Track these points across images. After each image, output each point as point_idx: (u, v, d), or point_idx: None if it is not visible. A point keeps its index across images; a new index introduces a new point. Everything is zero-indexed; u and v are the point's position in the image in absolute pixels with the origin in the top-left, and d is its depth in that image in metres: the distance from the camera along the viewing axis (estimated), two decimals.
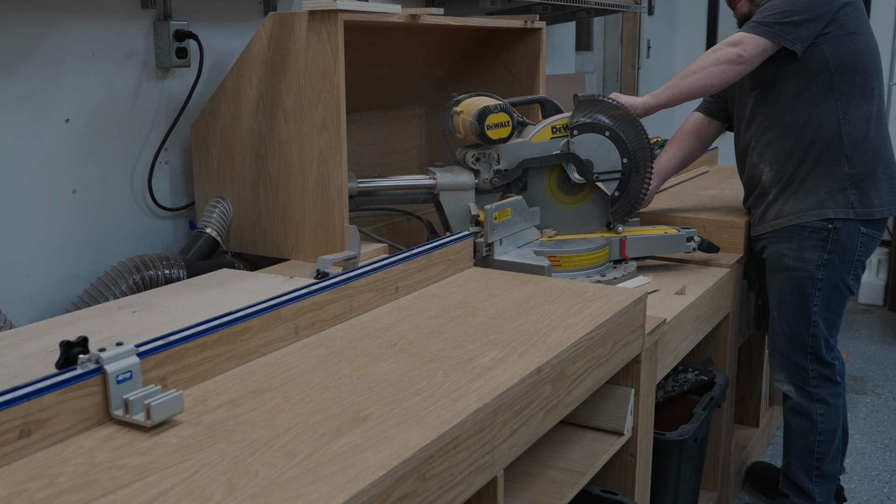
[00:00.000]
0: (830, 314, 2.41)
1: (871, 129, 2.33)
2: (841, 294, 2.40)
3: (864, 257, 2.40)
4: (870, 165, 2.33)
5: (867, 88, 2.32)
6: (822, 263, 2.35)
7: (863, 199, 2.33)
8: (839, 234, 2.33)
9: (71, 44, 1.95)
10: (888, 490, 2.91)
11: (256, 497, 0.95)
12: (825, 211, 2.33)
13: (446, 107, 2.28)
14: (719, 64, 2.25)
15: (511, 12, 3.13)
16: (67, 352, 1.17)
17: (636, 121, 2.26)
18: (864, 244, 2.37)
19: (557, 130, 2.25)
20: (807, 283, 2.38)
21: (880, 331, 4.52)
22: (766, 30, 2.24)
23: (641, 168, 2.29)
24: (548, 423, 1.42)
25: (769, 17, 2.26)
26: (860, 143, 2.32)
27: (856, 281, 2.42)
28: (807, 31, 2.24)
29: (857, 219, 2.33)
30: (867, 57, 2.31)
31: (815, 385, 2.44)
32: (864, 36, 2.31)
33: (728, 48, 2.25)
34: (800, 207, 2.36)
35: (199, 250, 2.09)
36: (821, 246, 2.35)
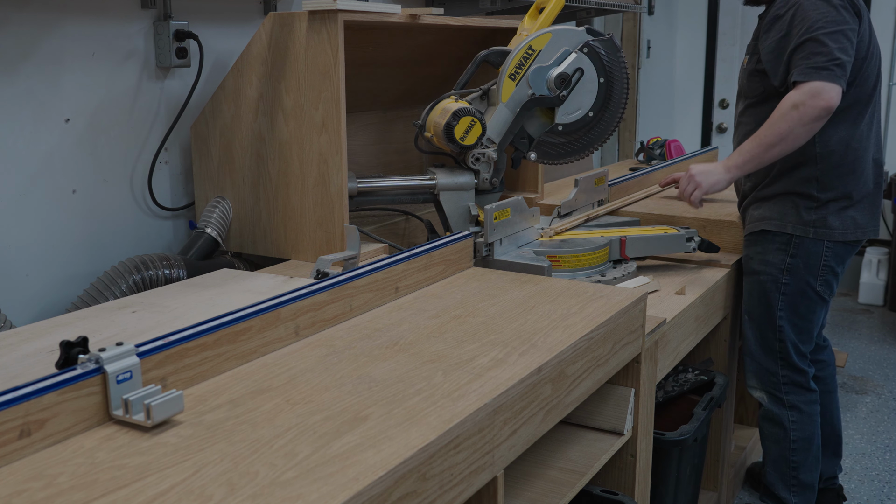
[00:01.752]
0: (799, 320, 2.34)
1: (849, 153, 2.25)
2: (810, 300, 2.33)
3: (835, 264, 2.31)
4: (841, 190, 2.26)
5: (851, 113, 2.23)
6: (786, 267, 2.31)
7: (826, 222, 2.26)
8: (802, 240, 2.29)
9: (71, 44, 1.95)
10: (888, 490, 2.91)
11: (256, 497, 0.95)
12: (786, 225, 2.29)
13: (416, 134, 2.27)
14: (807, 124, 2.13)
15: (511, 12, 3.13)
16: (67, 352, 1.17)
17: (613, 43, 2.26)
18: (831, 251, 2.29)
19: (515, 75, 2.21)
20: (771, 286, 2.34)
21: (880, 331, 4.52)
22: (838, 76, 2.11)
23: (617, 89, 2.27)
24: (548, 423, 1.42)
25: (825, 59, 2.11)
26: (834, 168, 2.24)
27: (826, 287, 2.33)
28: (850, 66, 2.16)
29: (816, 238, 2.27)
30: (855, 85, 2.21)
31: (786, 392, 2.40)
32: (858, 62, 2.20)
33: (812, 101, 2.11)
34: (765, 214, 2.33)
35: (199, 250, 2.09)
36: (783, 250, 2.30)
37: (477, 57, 2.24)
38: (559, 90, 2.20)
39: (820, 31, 2.12)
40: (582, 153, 2.34)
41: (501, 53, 2.23)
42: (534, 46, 2.20)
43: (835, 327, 4.52)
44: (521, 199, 2.17)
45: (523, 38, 2.22)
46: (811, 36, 2.12)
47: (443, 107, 2.16)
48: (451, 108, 2.12)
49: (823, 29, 2.12)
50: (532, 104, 2.22)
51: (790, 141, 2.16)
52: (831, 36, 2.11)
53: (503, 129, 2.23)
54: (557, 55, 2.20)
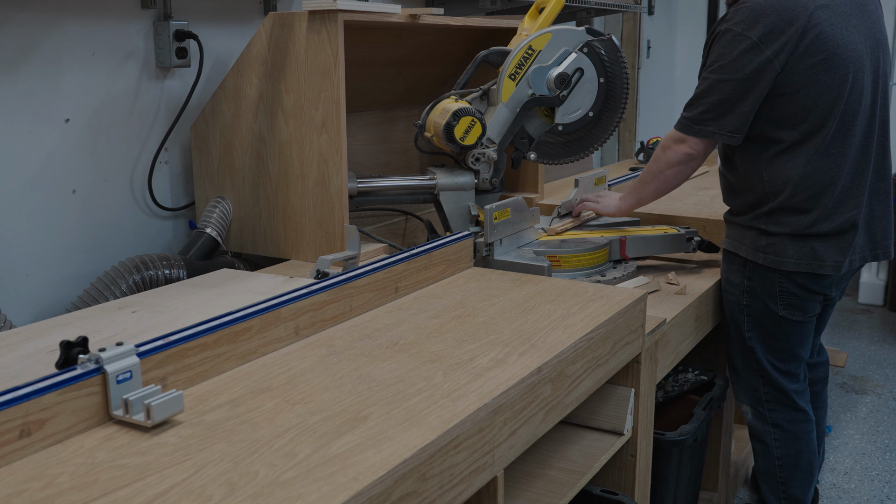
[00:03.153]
0: (771, 340, 2.21)
1: (805, 189, 2.04)
2: (777, 323, 2.18)
3: (796, 289, 2.13)
4: (797, 225, 2.07)
5: (805, 148, 2.03)
6: (745, 289, 2.19)
7: (777, 249, 2.10)
8: (756, 265, 2.14)
9: (71, 44, 1.95)
10: (888, 490, 2.91)
11: (256, 497, 0.95)
12: (741, 247, 2.17)
13: (416, 134, 2.27)
14: (673, 166, 2.14)
15: (511, 12, 3.13)
16: (67, 352, 1.17)
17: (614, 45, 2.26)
18: (788, 278, 2.11)
19: (515, 75, 2.21)
20: (735, 306, 2.24)
21: (880, 331, 4.52)
22: (699, 129, 2.07)
23: (617, 89, 2.26)
24: (548, 423, 1.42)
25: (698, 111, 2.06)
26: (786, 205, 2.06)
27: (793, 310, 2.15)
28: (739, 118, 2.03)
29: (766, 265, 2.12)
30: (805, 113, 2.01)
31: (770, 408, 2.30)
32: (805, 91, 2.00)
33: (676, 146, 2.12)
34: (729, 233, 2.24)
35: (199, 250, 2.09)
36: (741, 272, 2.18)
37: (477, 57, 2.24)
38: (559, 90, 2.20)
39: (711, 74, 2.05)
40: (582, 153, 2.34)
41: (501, 53, 2.23)
42: (534, 46, 2.20)
43: (835, 327, 4.52)
44: (521, 199, 2.17)
45: (523, 38, 2.22)
46: (705, 75, 2.07)
47: (443, 107, 2.16)
48: (451, 108, 2.13)
49: (713, 74, 2.04)
50: (532, 104, 2.22)
51: (662, 181, 2.19)
52: (715, 85, 2.03)
53: (503, 129, 2.23)
54: (557, 55, 2.20)
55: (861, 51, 2.05)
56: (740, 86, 2.01)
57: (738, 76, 2.00)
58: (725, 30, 2.04)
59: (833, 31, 2.00)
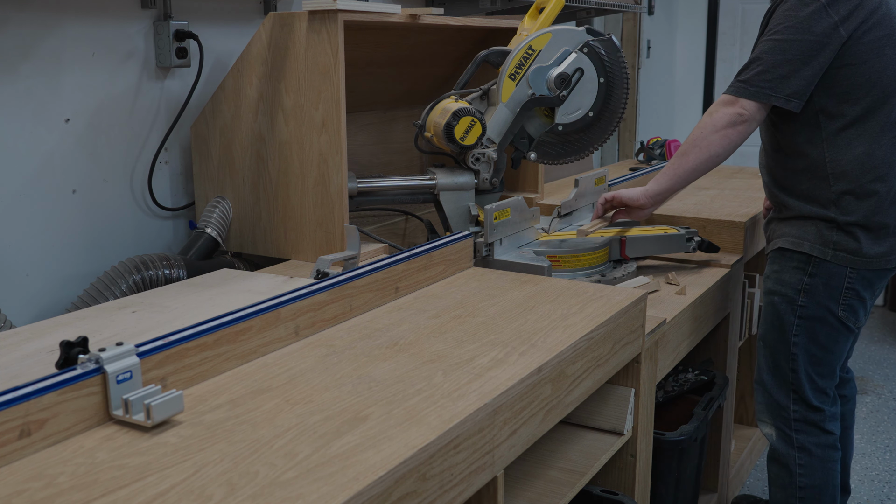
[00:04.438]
0: (818, 349, 2.08)
1: (868, 173, 1.99)
2: (831, 327, 2.07)
3: (861, 287, 2.04)
4: (864, 214, 2.00)
5: (867, 126, 1.98)
6: (803, 288, 2.06)
7: (847, 245, 2.01)
8: (822, 261, 2.05)
9: (71, 44, 1.95)
10: (888, 490, 2.91)
11: (256, 497, 0.95)
12: (803, 243, 2.06)
13: (416, 134, 2.27)
14: (719, 130, 1.99)
15: (511, 12, 3.13)
16: (67, 352, 1.17)
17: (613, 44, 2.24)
18: (857, 274, 2.03)
19: (515, 75, 2.21)
20: (785, 308, 2.09)
21: (880, 331, 4.52)
22: (754, 91, 1.96)
23: (617, 89, 2.25)
24: (548, 423, 1.42)
25: (752, 72, 1.97)
26: (853, 191, 1.99)
27: (850, 313, 2.06)
28: (801, 81, 1.93)
29: (836, 262, 2.02)
30: (869, 87, 1.96)
31: (797, 429, 2.13)
32: (871, 63, 1.95)
33: (725, 108, 1.99)
34: (785, 231, 2.11)
35: (199, 250, 2.09)
36: (801, 269, 2.06)
37: (477, 57, 2.24)
38: (559, 90, 2.20)
39: (773, 35, 1.95)
40: (582, 153, 2.34)
41: (501, 53, 2.23)
42: (534, 46, 2.20)
43: None
44: (521, 199, 2.17)
45: (523, 38, 2.22)
46: (764, 39, 1.98)
47: (443, 107, 2.16)
48: (451, 108, 2.13)
49: (776, 35, 1.95)
50: (532, 104, 2.22)
51: (704, 149, 2.01)
52: (779, 45, 1.93)
53: (503, 129, 2.23)
54: (557, 55, 2.20)
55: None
56: (805, 47, 1.90)
57: (803, 37, 1.90)
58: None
59: (893, 9, 1.99)
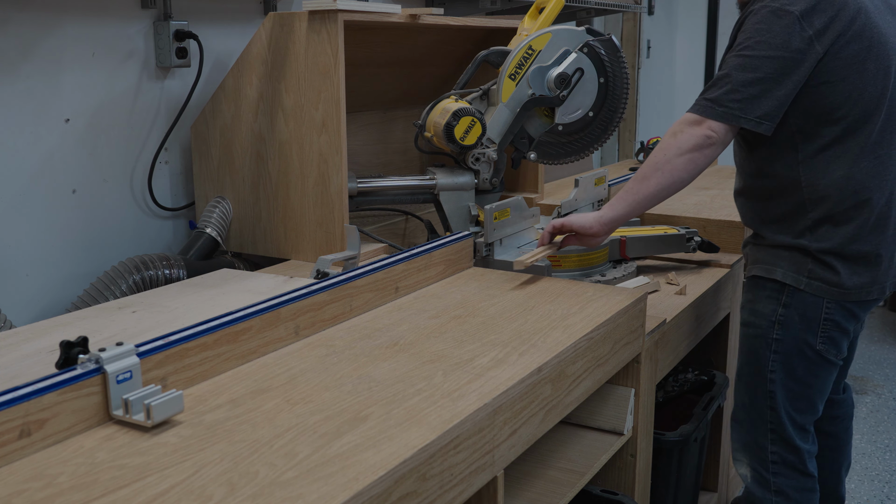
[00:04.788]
0: (796, 384, 1.90)
1: (849, 197, 1.79)
2: (809, 361, 1.88)
3: (841, 318, 1.86)
4: (840, 241, 1.82)
5: (847, 146, 1.79)
6: (777, 319, 1.88)
7: (821, 274, 1.83)
8: (796, 291, 1.87)
9: (71, 44, 1.95)
10: (888, 490, 2.91)
11: (256, 497, 0.95)
12: (775, 270, 1.89)
13: (416, 134, 2.27)
14: (684, 153, 1.78)
15: (511, 12, 3.13)
16: (67, 352, 1.17)
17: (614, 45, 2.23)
18: (836, 304, 1.85)
19: (515, 75, 2.21)
20: (760, 343, 1.92)
21: (880, 331, 4.52)
22: (722, 112, 1.76)
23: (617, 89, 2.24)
24: (548, 423, 1.42)
25: (722, 90, 1.77)
26: (832, 216, 1.81)
27: (830, 345, 1.87)
28: (772, 102, 1.74)
29: (811, 292, 1.85)
30: (850, 105, 1.77)
31: (775, 472, 1.95)
32: (851, 80, 1.76)
33: (691, 129, 1.78)
34: (759, 257, 1.94)
35: (199, 250, 2.09)
36: (775, 298, 1.88)
37: (477, 57, 2.24)
38: (559, 90, 2.20)
39: (743, 51, 1.76)
40: (582, 153, 2.34)
41: (501, 53, 2.23)
42: (534, 46, 2.20)
43: None
44: (521, 199, 2.17)
45: (523, 38, 2.22)
46: (733, 54, 1.79)
47: (443, 107, 2.16)
48: (451, 108, 2.13)
49: (746, 50, 1.76)
50: (532, 104, 2.22)
51: (668, 173, 1.79)
52: (749, 62, 1.74)
53: (503, 129, 2.23)
54: (557, 55, 2.20)
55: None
56: (778, 64, 1.72)
57: (776, 53, 1.72)
58: (762, 6, 1.77)
59: (877, 18, 1.79)
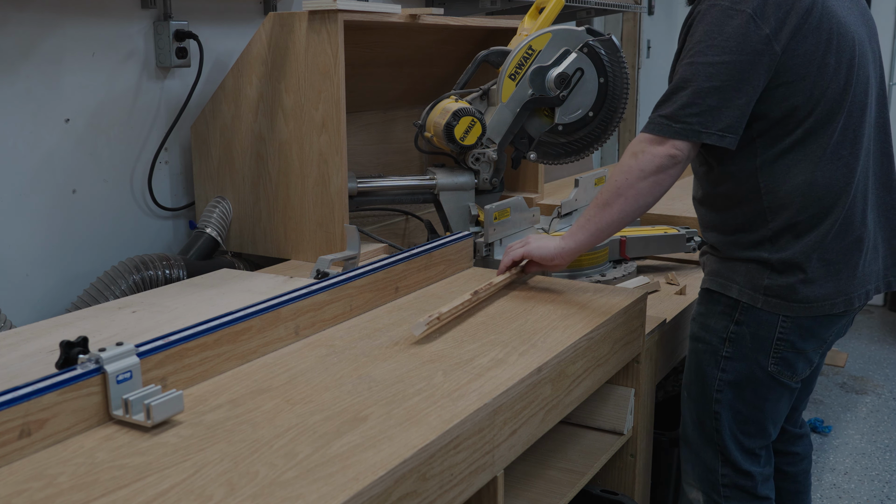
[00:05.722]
0: (744, 407, 1.72)
1: (813, 203, 1.61)
2: (759, 384, 1.70)
3: (797, 338, 1.66)
4: (803, 250, 1.62)
5: (808, 150, 1.60)
6: (728, 337, 1.69)
7: (779, 290, 1.64)
8: (751, 308, 1.67)
9: (71, 44, 1.95)
10: (888, 490, 2.91)
11: (256, 497, 0.95)
12: (730, 286, 1.69)
13: (416, 134, 2.27)
14: (648, 176, 1.59)
15: (511, 12, 3.13)
16: (67, 352, 1.17)
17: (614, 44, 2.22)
18: (791, 321, 1.65)
19: (515, 75, 2.21)
20: (708, 359, 1.73)
21: (880, 331, 4.52)
22: (679, 128, 1.56)
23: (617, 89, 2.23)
24: (548, 423, 1.42)
25: (676, 105, 1.57)
26: (793, 224, 1.62)
27: (784, 367, 1.67)
28: (734, 112, 1.55)
29: (767, 309, 1.65)
30: (812, 105, 1.58)
31: (727, 496, 1.79)
32: (811, 78, 1.57)
33: (653, 149, 1.58)
34: (714, 269, 1.74)
35: (199, 250, 2.09)
36: (728, 314, 1.69)
37: (477, 57, 2.24)
38: (559, 90, 2.20)
39: (694, 58, 1.57)
40: (582, 153, 2.34)
41: (501, 53, 2.23)
42: (534, 46, 2.20)
43: None
44: (521, 199, 2.17)
45: (523, 38, 2.22)
46: (684, 62, 1.59)
47: (443, 107, 2.16)
48: (451, 108, 2.13)
49: (699, 56, 1.56)
50: (532, 104, 2.22)
51: (632, 198, 1.61)
52: (703, 69, 1.54)
53: (503, 129, 2.23)
54: (557, 55, 2.21)
55: (861, 35, 1.66)
56: (735, 70, 1.53)
57: (731, 58, 1.53)
58: (710, 5, 1.57)
59: (835, 7, 1.61)
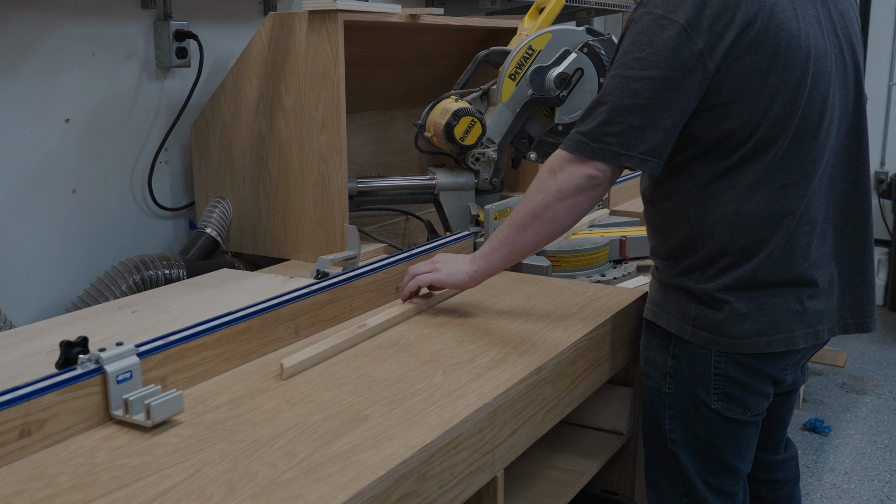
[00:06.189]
0: (702, 444, 1.57)
1: (744, 235, 1.45)
2: (707, 421, 1.54)
3: (739, 373, 1.50)
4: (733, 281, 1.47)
5: (741, 176, 1.44)
6: (668, 371, 1.56)
7: (708, 323, 1.49)
8: (682, 340, 1.54)
9: (71, 44, 1.95)
10: (888, 490, 2.91)
11: (256, 497, 0.95)
12: (661, 315, 1.57)
13: (416, 134, 2.26)
14: (566, 197, 1.46)
15: (511, 12, 3.13)
16: (67, 352, 1.17)
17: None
18: (726, 356, 1.50)
19: (515, 75, 2.20)
20: (655, 396, 1.60)
21: (880, 331, 4.52)
22: (597, 148, 1.42)
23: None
24: (548, 423, 1.42)
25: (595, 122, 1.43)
26: (723, 254, 1.47)
27: (731, 403, 1.52)
28: (658, 134, 1.40)
29: (696, 343, 1.51)
30: (752, 129, 1.42)
31: None
32: (750, 98, 1.41)
33: (572, 168, 1.45)
34: (652, 296, 1.62)
35: (199, 250, 2.09)
36: (664, 347, 1.57)
37: (477, 57, 2.24)
38: (559, 90, 2.20)
39: (619, 70, 1.43)
40: None
41: (501, 53, 2.23)
42: (534, 46, 2.20)
43: None
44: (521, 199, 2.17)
45: (523, 38, 2.22)
46: (609, 74, 1.46)
47: (443, 107, 2.16)
48: (451, 108, 2.13)
49: (624, 69, 1.42)
50: (532, 104, 2.22)
51: (548, 221, 1.49)
52: (627, 84, 1.40)
53: (503, 129, 2.23)
54: (557, 55, 2.20)
55: (823, 48, 1.46)
56: (662, 87, 1.39)
57: (659, 73, 1.38)
58: (643, 13, 1.43)
59: (786, 17, 1.41)
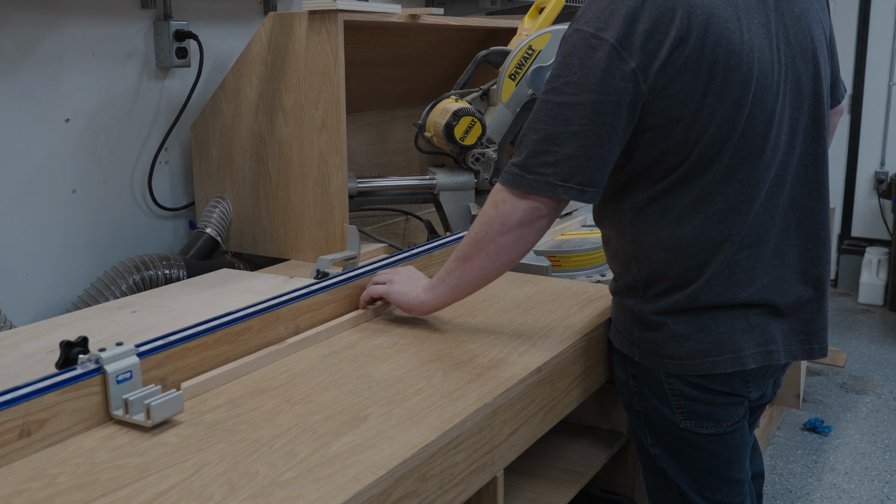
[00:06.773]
0: (689, 461, 1.52)
1: (679, 260, 1.40)
2: (682, 440, 1.50)
3: (697, 392, 1.45)
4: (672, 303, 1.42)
5: (673, 202, 1.39)
6: (633, 391, 1.54)
7: (651, 343, 1.45)
8: (635, 361, 1.51)
9: (71, 44, 1.95)
10: (888, 490, 2.91)
11: (256, 497, 0.95)
12: (616, 333, 1.55)
13: (416, 134, 2.26)
14: (510, 230, 1.38)
15: (511, 12, 3.13)
16: (67, 352, 1.17)
17: None
18: (679, 378, 1.45)
19: (515, 75, 2.19)
20: (631, 414, 1.59)
21: (880, 331, 4.52)
22: (532, 181, 1.34)
23: None
24: (548, 423, 1.42)
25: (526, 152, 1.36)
26: (658, 279, 1.43)
27: (699, 421, 1.47)
28: (593, 163, 1.33)
29: (643, 363, 1.48)
30: (686, 153, 1.35)
31: None
32: (686, 122, 1.33)
33: (516, 200, 1.36)
34: (612, 311, 1.58)
35: (199, 250, 2.09)
36: (623, 366, 1.55)
37: (477, 57, 2.24)
38: None
39: (549, 95, 1.36)
40: None
41: (501, 53, 2.23)
42: (534, 46, 2.20)
43: (835, 327, 4.52)
44: None
45: (523, 38, 2.22)
46: (541, 97, 1.38)
47: (443, 107, 2.16)
48: (451, 108, 2.13)
49: (555, 95, 1.35)
50: (532, 104, 2.21)
51: (493, 254, 1.40)
52: (559, 111, 1.33)
53: (503, 129, 2.23)
54: None
55: (770, 60, 1.36)
56: (594, 114, 1.31)
57: (591, 98, 1.30)
58: (573, 31, 1.35)
59: (726, 30, 1.32)
